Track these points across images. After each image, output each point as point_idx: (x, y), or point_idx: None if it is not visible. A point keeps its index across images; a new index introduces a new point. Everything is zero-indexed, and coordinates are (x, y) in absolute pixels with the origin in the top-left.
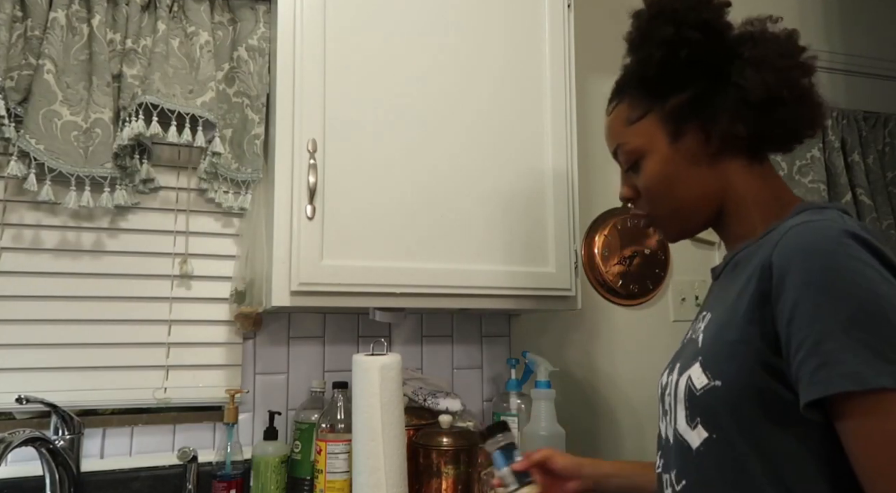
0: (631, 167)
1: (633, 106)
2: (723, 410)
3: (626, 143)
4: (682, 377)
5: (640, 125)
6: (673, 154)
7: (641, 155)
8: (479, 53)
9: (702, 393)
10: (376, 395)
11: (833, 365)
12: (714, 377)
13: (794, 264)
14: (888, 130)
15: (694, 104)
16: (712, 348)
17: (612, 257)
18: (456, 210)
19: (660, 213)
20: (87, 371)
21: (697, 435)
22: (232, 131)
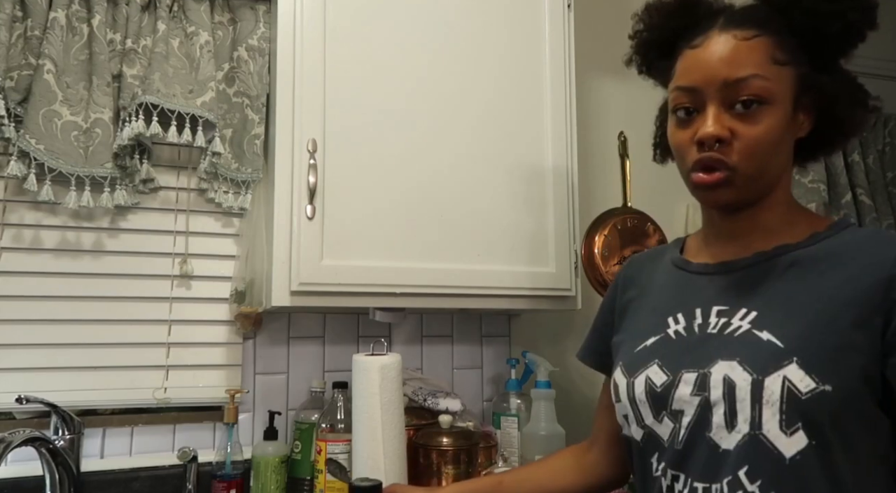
0: (745, 105)
1: (783, 47)
2: (829, 416)
3: (767, 78)
4: (771, 378)
5: (784, 71)
6: (790, 121)
7: (769, 101)
8: (479, 53)
9: (808, 397)
10: (376, 395)
11: None
12: (822, 382)
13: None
14: (888, 130)
15: (820, 80)
16: (812, 351)
17: (612, 257)
18: (456, 210)
19: (744, 170)
20: (87, 371)
21: (794, 443)
22: (232, 131)
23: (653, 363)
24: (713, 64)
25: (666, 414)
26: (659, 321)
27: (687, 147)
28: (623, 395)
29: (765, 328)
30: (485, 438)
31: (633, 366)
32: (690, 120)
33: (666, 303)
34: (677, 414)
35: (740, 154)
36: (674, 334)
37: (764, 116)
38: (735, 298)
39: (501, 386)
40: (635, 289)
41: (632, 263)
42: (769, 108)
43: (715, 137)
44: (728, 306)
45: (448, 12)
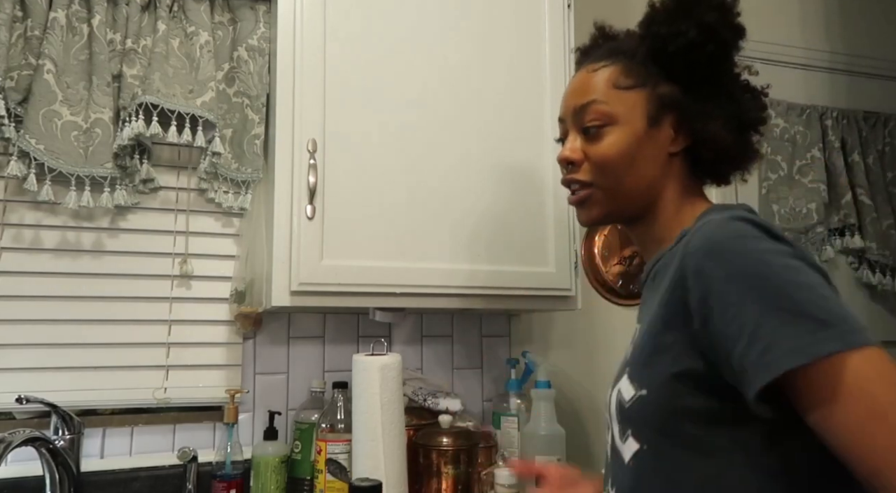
0: (589, 129)
1: (628, 73)
2: (650, 419)
3: (605, 103)
4: (614, 391)
5: (627, 94)
6: (644, 137)
7: (612, 122)
8: (479, 52)
9: (630, 404)
10: (376, 395)
11: (777, 345)
12: (640, 387)
13: (701, 263)
14: (888, 130)
15: (684, 98)
16: (637, 359)
17: (612, 256)
18: (456, 210)
19: (600, 186)
20: (87, 371)
21: (629, 448)
22: (232, 131)
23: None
24: (568, 96)
25: (607, 428)
26: None
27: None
28: None
29: (633, 343)
30: (485, 438)
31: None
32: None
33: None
34: (607, 428)
35: (590, 171)
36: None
37: (608, 135)
38: (641, 314)
39: (501, 386)
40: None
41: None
42: (613, 127)
43: (565, 160)
44: (638, 322)
45: (448, 12)
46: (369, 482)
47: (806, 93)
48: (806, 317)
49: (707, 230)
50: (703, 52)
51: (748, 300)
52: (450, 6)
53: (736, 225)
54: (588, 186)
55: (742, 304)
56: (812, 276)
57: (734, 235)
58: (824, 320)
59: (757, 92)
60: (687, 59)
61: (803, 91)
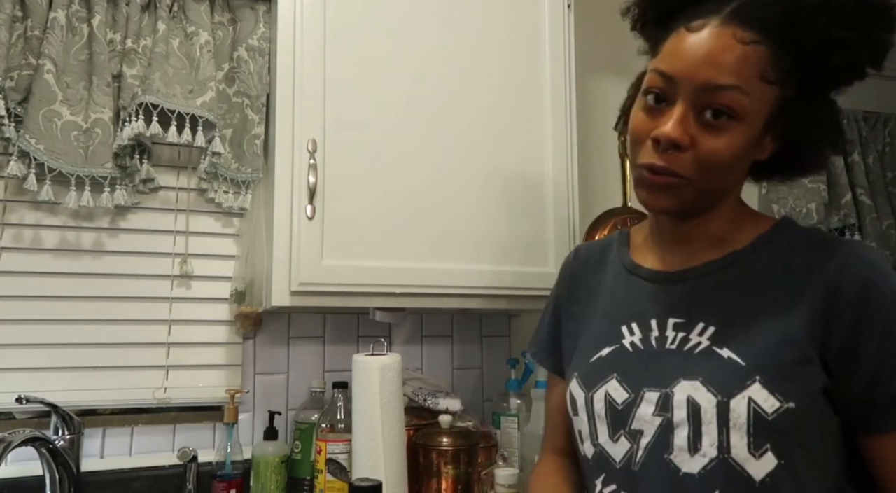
0: (713, 115)
1: (776, 64)
2: (795, 434)
3: (750, 95)
4: (736, 399)
5: (767, 90)
6: (756, 142)
7: (741, 118)
8: (479, 53)
9: (774, 417)
10: (376, 395)
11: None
12: (786, 399)
13: (874, 284)
14: (888, 130)
15: (803, 108)
16: (773, 368)
17: None
18: (456, 210)
19: (696, 184)
20: (87, 371)
21: (763, 465)
22: (232, 131)
23: (611, 378)
24: (699, 59)
25: (623, 434)
26: (612, 330)
27: (643, 138)
28: (581, 409)
29: (725, 345)
30: (485, 438)
31: (590, 379)
32: (658, 110)
33: (618, 310)
34: (636, 434)
35: (693, 166)
36: (630, 345)
37: (730, 132)
38: (691, 310)
39: (501, 386)
40: (583, 289)
41: (577, 257)
42: (738, 124)
43: (672, 141)
44: (684, 319)
45: (448, 12)
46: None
47: None
48: None
49: (866, 256)
50: (858, 72)
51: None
52: (450, 7)
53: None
54: (680, 178)
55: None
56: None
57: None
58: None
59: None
60: (840, 72)
61: None
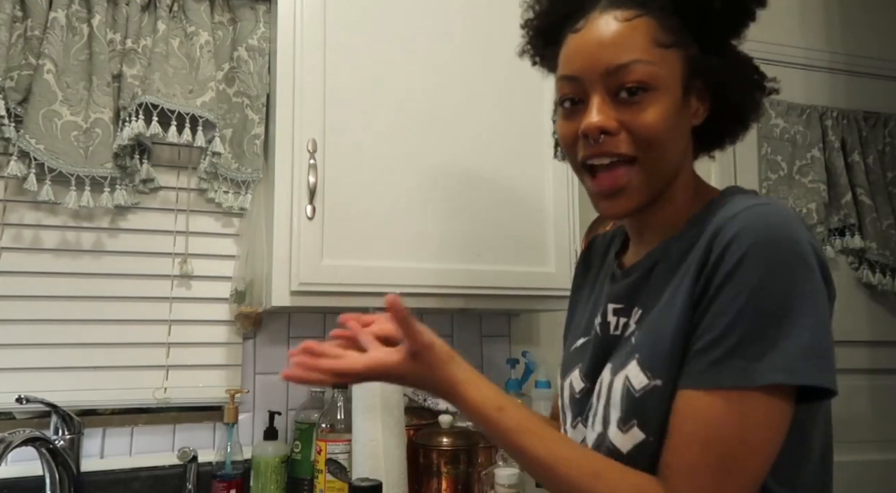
0: (630, 92)
1: (666, 29)
2: (662, 410)
3: (651, 63)
4: (617, 378)
5: (668, 54)
6: (681, 106)
7: (656, 87)
8: (478, 52)
9: (641, 393)
10: (376, 395)
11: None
12: (654, 376)
13: (736, 244)
14: (888, 130)
15: (710, 63)
16: (650, 346)
17: None
18: (456, 210)
19: (645, 163)
20: (87, 371)
21: (631, 438)
22: (232, 131)
23: (576, 368)
24: (593, 49)
25: (580, 420)
26: (590, 320)
27: (573, 141)
28: (559, 397)
29: (638, 329)
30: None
31: (564, 368)
32: (576, 111)
33: (597, 300)
34: (586, 421)
35: (633, 145)
36: (594, 335)
37: (652, 103)
38: (628, 297)
39: (501, 386)
40: (585, 281)
41: (590, 249)
42: (656, 94)
43: (599, 129)
44: (623, 305)
45: (448, 12)
46: (369, 482)
47: (806, 93)
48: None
49: (747, 214)
50: (744, 12)
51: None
52: (449, 6)
53: (793, 226)
54: (630, 163)
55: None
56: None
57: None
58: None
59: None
60: (727, 18)
61: (803, 91)
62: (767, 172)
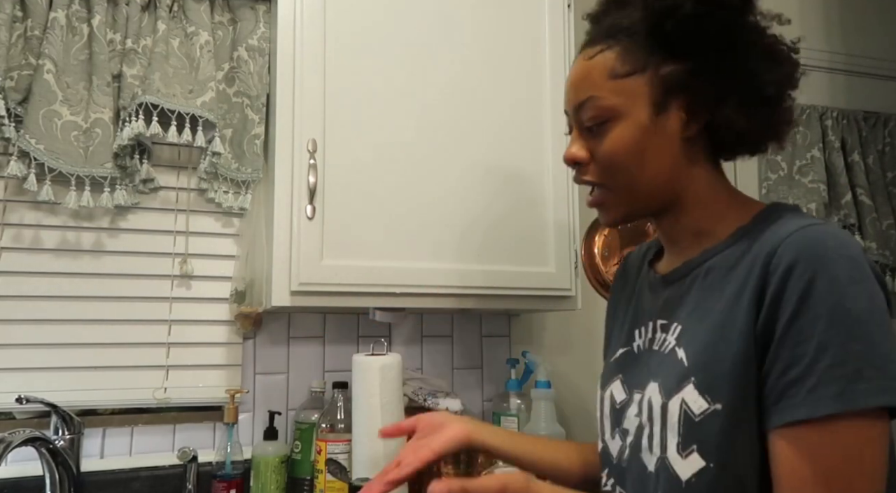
0: (594, 126)
1: (625, 58)
2: (723, 436)
3: (603, 97)
4: (673, 400)
5: (626, 82)
6: (650, 126)
7: (614, 116)
8: (479, 53)
9: (701, 418)
10: (376, 395)
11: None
12: (714, 400)
13: (800, 274)
14: (888, 130)
15: (693, 78)
16: (707, 369)
17: (612, 257)
18: (456, 210)
19: (612, 186)
20: (87, 371)
21: (690, 465)
22: (232, 131)
23: (616, 379)
24: (568, 88)
25: (618, 431)
26: (629, 332)
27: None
28: (597, 407)
29: (682, 345)
30: None
31: (604, 379)
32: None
33: (636, 313)
34: (625, 433)
35: (597, 172)
36: (636, 348)
37: (612, 130)
38: (671, 311)
39: (501, 386)
40: (623, 292)
41: (626, 261)
42: (616, 122)
43: (571, 159)
44: (667, 320)
45: (448, 12)
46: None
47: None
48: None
49: (807, 238)
50: (708, 24)
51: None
52: (449, 6)
53: (849, 244)
54: (600, 187)
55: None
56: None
57: (848, 255)
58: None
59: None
60: (689, 33)
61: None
62: (767, 172)
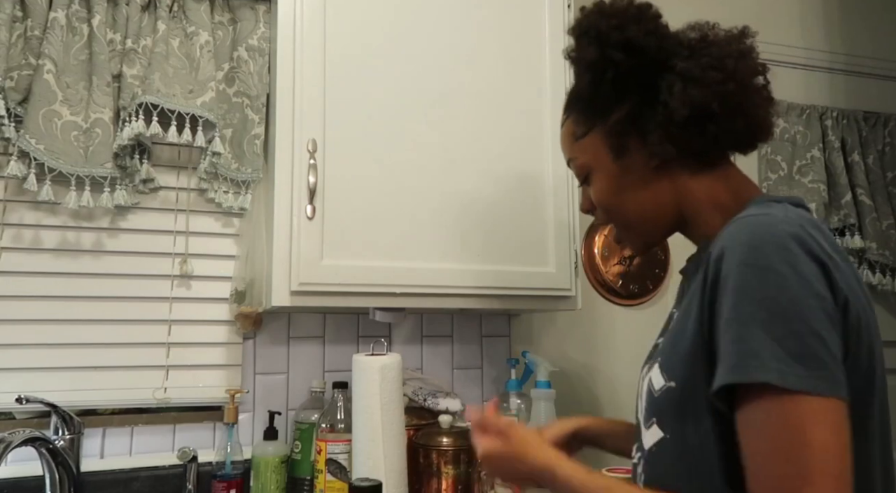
0: (584, 181)
1: (579, 122)
2: (675, 411)
3: (575, 158)
4: (645, 380)
5: (586, 141)
6: (618, 170)
7: (589, 170)
8: (479, 53)
9: (658, 395)
10: (376, 395)
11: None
12: (669, 379)
13: (727, 259)
14: (888, 130)
15: (630, 121)
16: (668, 349)
17: (612, 257)
18: (456, 210)
19: (616, 225)
20: (87, 371)
21: (652, 435)
22: (232, 131)
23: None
24: None
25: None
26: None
27: None
28: None
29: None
30: None
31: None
32: None
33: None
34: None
35: (602, 216)
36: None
37: (595, 182)
38: (678, 304)
39: (501, 386)
40: (680, 289)
41: None
42: (593, 174)
43: (584, 211)
44: (677, 309)
45: (448, 12)
46: (369, 482)
47: (806, 93)
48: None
49: (747, 233)
50: (608, 82)
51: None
52: (449, 6)
53: (783, 243)
54: (614, 226)
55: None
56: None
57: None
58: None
59: (696, 74)
60: (602, 93)
61: (803, 91)
62: (767, 172)
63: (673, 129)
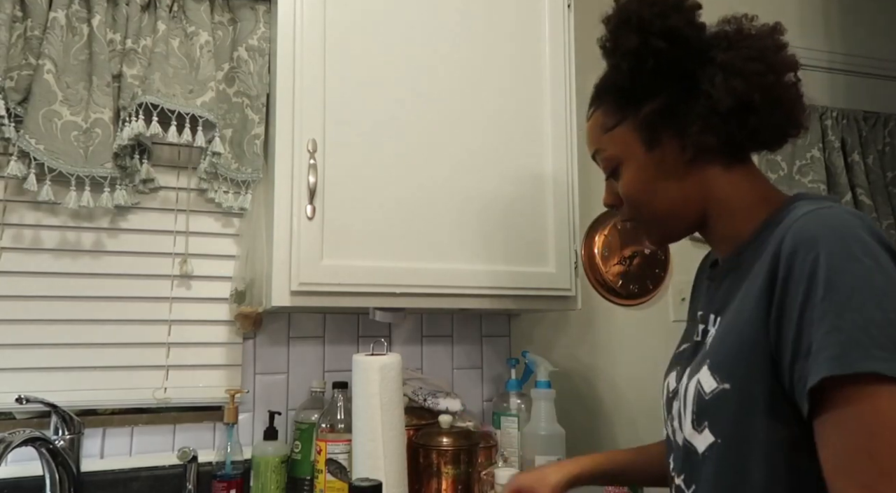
0: (611, 174)
1: (609, 113)
2: (729, 414)
3: (604, 150)
4: (692, 382)
5: (616, 133)
6: (649, 162)
7: (619, 162)
8: (479, 53)
9: (710, 397)
10: (376, 395)
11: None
12: (722, 380)
13: (801, 254)
14: (888, 130)
15: (666, 112)
16: (720, 351)
17: (612, 256)
18: (456, 210)
19: (641, 219)
20: (87, 371)
21: (703, 440)
22: (232, 131)
23: (674, 371)
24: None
25: (669, 419)
26: (694, 327)
27: None
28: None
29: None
30: (485, 438)
31: (668, 369)
32: None
33: (693, 311)
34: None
35: (628, 210)
36: (692, 342)
37: (622, 174)
38: (714, 306)
39: (501, 386)
40: (695, 292)
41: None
42: (622, 167)
43: (606, 205)
44: (712, 314)
45: (448, 12)
46: (369, 482)
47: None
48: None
49: (809, 221)
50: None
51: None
52: (450, 6)
53: (851, 223)
54: (636, 221)
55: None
56: None
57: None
58: None
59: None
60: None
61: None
62: (767, 172)
63: (715, 120)
